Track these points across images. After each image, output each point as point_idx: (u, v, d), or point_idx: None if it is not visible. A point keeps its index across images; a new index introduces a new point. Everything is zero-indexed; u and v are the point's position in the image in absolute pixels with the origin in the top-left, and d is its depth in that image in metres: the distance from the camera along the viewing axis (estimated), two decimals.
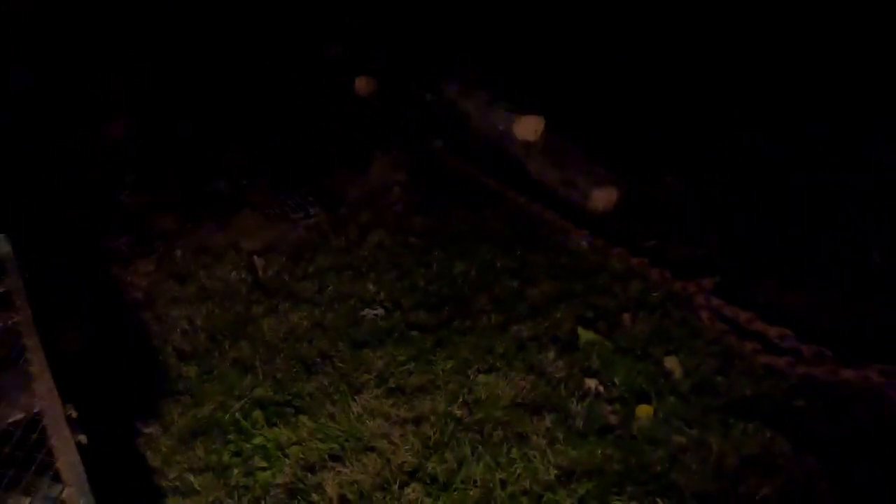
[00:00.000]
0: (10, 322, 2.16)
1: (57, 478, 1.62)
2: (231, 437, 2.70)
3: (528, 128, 4.55)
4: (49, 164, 4.74)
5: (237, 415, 2.79)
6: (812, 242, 3.60)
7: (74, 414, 1.80)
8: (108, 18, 5.96)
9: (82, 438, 1.72)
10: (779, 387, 2.76)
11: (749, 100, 4.95)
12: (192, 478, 2.52)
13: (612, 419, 2.72)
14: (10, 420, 1.81)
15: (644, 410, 2.72)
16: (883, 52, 4.57)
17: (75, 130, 5.15)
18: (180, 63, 6.07)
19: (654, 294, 3.38)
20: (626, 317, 3.26)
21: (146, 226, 4.24)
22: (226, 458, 2.60)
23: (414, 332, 3.25)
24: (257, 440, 2.68)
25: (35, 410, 1.82)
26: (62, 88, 5.53)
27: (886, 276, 3.27)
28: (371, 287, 3.60)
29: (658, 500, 2.36)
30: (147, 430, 2.72)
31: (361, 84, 5.70)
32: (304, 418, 2.78)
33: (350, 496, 2.44)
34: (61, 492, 1.59)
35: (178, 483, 2.50)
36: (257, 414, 2.79)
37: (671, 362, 2.94)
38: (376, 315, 3.41)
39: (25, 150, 4.68)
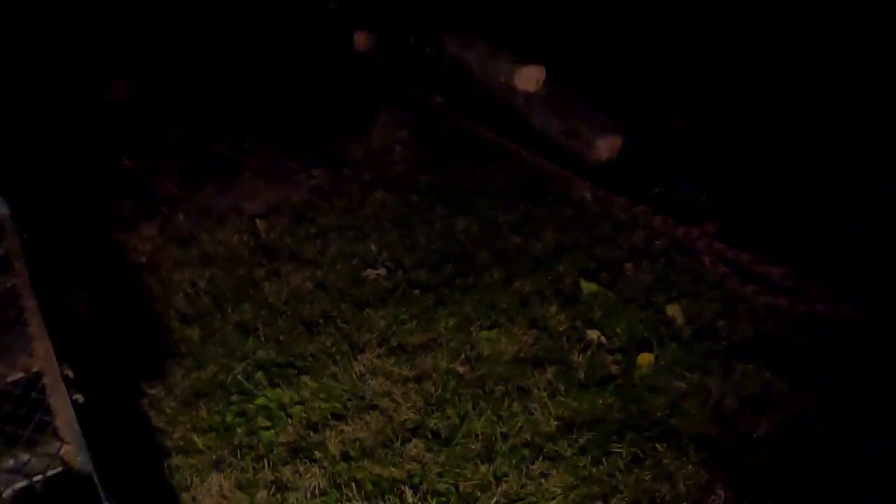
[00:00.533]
0: (8, 284, 2.18)
1: (56, 435, 1.65)
2: (234, 397, 2.72)
3: (530, 78, 4.46)
4: (50, 131, 4.72)
5: (240, 376, 2.81)
6: (817, 185, 3.53)
7: (71, 374, 1.82)
8: None
9: (79, 397, 1.75)
10: (780, 327, 2.76)
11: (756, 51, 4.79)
12: (195, 437, 2.55)
13: (614, 369, 2.72)
14: (10, 379, 1.83)
15: (645, 359, 2.71)
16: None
17: (76, 95, 5.11)
18: (178, 27, 5.99)
19: (658, 242, 3.35)
20: (629, 266, 3.24)
21: (149, 190, 4.22)
22: (229, 418, 2.63)
23: (416, 291, 3.25)
24: (260, 400, 2.71)
25: (34, 370, 1.85)
26: (62, 51, 5.47)
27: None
28: (373, 247, 3.59)
29: (657, 445, 2.37)
30: (151, 392, 2.75)
31: (360, 39, 5.60)
32: (306, 378, 2.79)
33: (352, 453, 2.47)
34: (59, 448, 1.61)
35: (182, 443, 2.54)
36: (260, 375, 2.81)
37: (673, 310, 2.92)
38: (378, 275, 3.40)
39: (26, 117, 4.65)
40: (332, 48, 5.64)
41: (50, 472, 1.61)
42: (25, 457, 1.64)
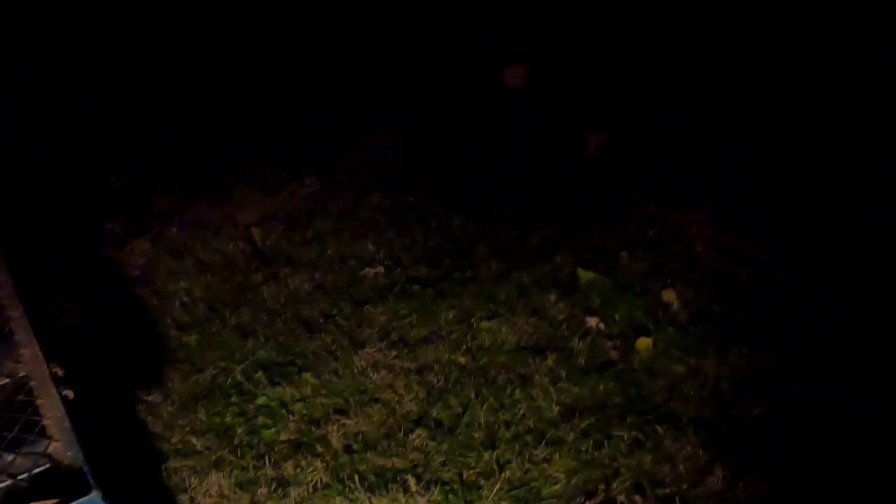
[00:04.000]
0: None
1: (44, 433, 1.61)
2: (233, 398, 2.70)
3: (516, 76, 4.50)
4: (39, 150, 4.70)
5: (239, 377, 2.79)
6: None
7: (61, 372, 1.79)
8: None
9: (69, 393, 1.71)
10: (770, 310, 2.77)
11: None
12: (194, 439, 2.53)
13: (613, 354, 2.71)
14: None
15: (643, 343, 2.70)
16: None
17: (65, 112, 5.08)
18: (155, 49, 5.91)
19: (651, 230, 3.35)
20: (624, 254, 3.24)
21: (141, 206, 4.20)
22: (228, 418, 2.61)
23: (415, 287, 3.24)
24: (260, 400, 2.69)
25: (20, 374, 1.81)
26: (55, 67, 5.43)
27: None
28: (371, 247, 3.58)
29: (658, 428, 2.36)
30: (147, 398, 2.73)
31: None
32: (307, 376, 2.78)
33: (355, 446, 2.45)
34: (47, 446, 1.58)
35: (180, 445, 2.51)
36: (260, 375, 2.80)
37: (669, 295, 2.93)
38: (377, 273, 3.40)
39: (13, 135, 4.62)
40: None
41: (37, 470, 1.57)
42: (10, 457, 1.61)
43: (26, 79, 5.17)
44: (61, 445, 1.59)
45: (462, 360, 2.78)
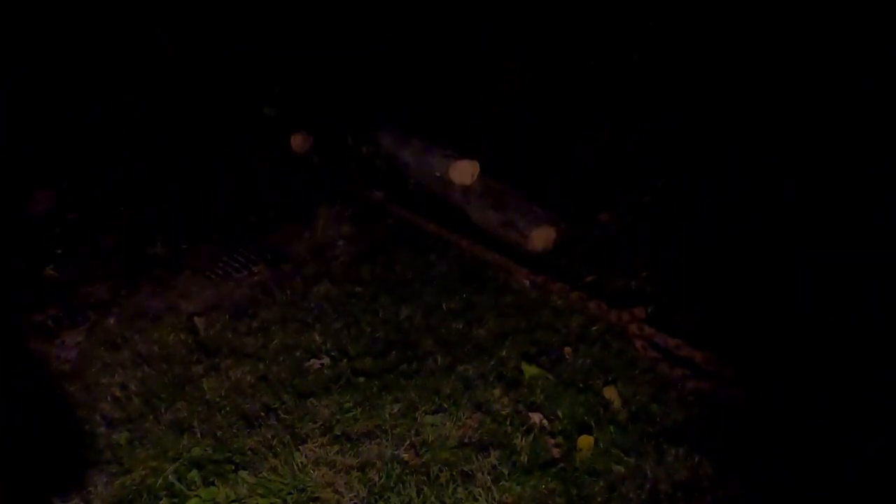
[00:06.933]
0: None
1: None
2: (163, 501, 2.58)
3: (465, 172, 4.65)
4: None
5: (171, 477, 2.68)
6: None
7: None
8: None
9: None
10: (706, 410, 2.84)
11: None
12: None
13: (556, 452, 2.72)
14: None
15: (586, 442, 2.73)
16: None
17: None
18: (107, 132, 5.90)
19: (594, 327, 3.43)
20: (568, 350, 3.30)
21: (76, 297, 4.08)
22: None
23: (360, 379, 3.22)
24: (192, 502, 2.57)
25: None
26: None
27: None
28: (317, 338, 3.56)
29: None
30: None
31: (297, 141, 5.74)
32: (244, 474, 2.69)
33: None
34: None
35: None
36: (193, 474, 2.69)
37: (610, 392, 2.98)
38: (322, 364, 3.37)
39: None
40: (270, 150, 5.72)
41: None
42: None
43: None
44: None
45: (405, 456, 2.75)
